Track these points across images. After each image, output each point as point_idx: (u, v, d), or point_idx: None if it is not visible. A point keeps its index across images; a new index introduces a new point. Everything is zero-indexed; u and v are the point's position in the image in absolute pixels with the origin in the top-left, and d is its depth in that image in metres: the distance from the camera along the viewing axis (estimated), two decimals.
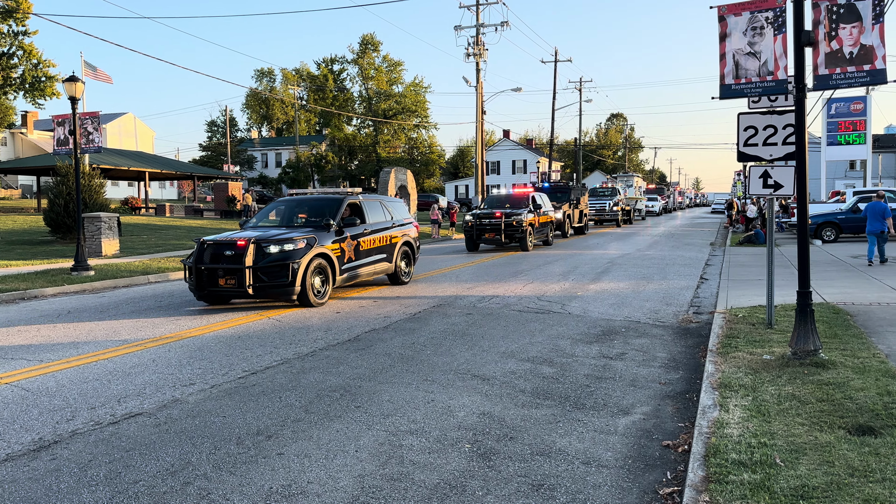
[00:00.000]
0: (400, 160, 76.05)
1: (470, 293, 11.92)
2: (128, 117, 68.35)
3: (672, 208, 71.10)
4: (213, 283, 10.13)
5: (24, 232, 26.15)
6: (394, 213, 13.39)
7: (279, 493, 3.89)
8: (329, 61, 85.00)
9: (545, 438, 4.76)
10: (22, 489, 3.96)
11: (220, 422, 5.12)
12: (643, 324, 9.04)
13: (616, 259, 18.03)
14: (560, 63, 48.47)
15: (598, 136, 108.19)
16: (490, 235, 21.51)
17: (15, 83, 51.04)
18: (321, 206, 12.05)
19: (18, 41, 50.58)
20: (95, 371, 6.66)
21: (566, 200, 29.27)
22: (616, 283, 13.05)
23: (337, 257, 10.95)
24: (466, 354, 7.27)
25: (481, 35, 34.19)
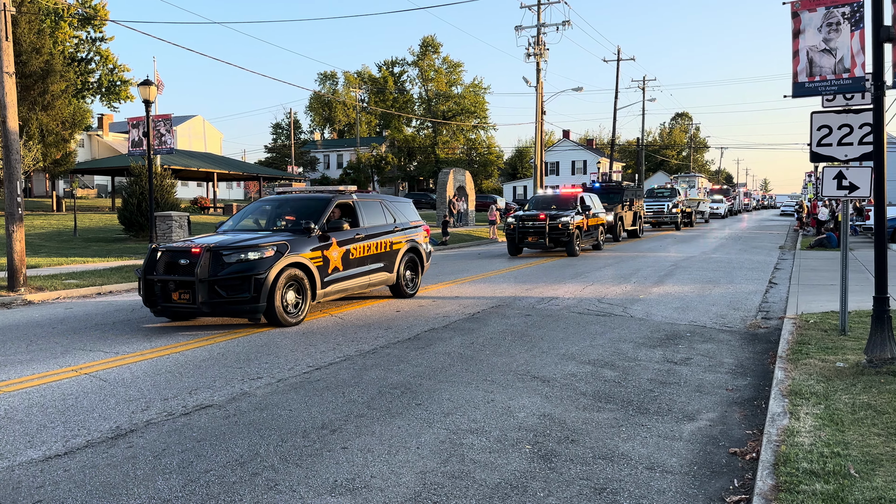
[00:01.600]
0: (458, 161, 76.28)
1: (529, 294, 11.87)
2: (197, 120, 70.64)
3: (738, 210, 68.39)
4: (167, 298, 8.68)
5: (99, 230, 27.38)
6: (397, 215, 11.84)
7: (343, 487, 3.97)
8: (390, 63, 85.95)
9: (607, 442, 4.71)
10: (101, 474, 4.16)
11: (286, 415, 5.26)
12: (709, 328, 8.83)
13: (679, 262, 17.64)
14: (623, 62, 47.78)
15: (661, 135, 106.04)
16: (533, 239, 20.09)
17: (92, 87, 53.47)
18: (304, 207, 10.41)
19: (96, 47, 52.98)
20: (168, 364, 6.94)
21: (618, 202, 27.72)
22: (680, 287, 12.78)
23: (318, 267, 9.39)
24: (526, 356, 7.25)
25: (542, 35, 33.97)
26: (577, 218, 20.28)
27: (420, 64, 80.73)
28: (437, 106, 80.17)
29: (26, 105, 32.36)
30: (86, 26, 51.36)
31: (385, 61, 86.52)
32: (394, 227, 11.48)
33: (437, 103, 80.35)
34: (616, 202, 27.46)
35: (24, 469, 4.23)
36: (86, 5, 50.68)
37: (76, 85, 45.66)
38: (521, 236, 20.18)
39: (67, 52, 47.17)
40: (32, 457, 4.43)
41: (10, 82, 12.81)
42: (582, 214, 20.88)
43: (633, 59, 48.44)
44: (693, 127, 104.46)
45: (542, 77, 34.36)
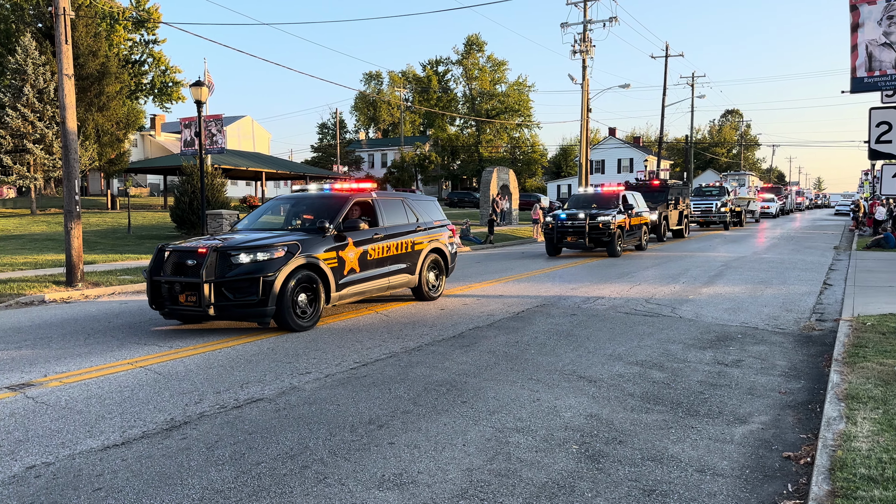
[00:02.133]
0: (502, 160, 76.06)
1: (574, 293, 11.78)
2: (246, 120, 72.00)
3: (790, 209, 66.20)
4: (175, 300, 8.30)
5: (152, 227, 28.16)
6: (421, 214, 11.29)
7: (391, 482, 4.01)
8: (434, 63, 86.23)
9: (656, 444, 4.65)
10: (157, 464, 4.28)
11: (334, 410, 5.34)
12: (761, 330, 8.63)
13: (730, 262, 17.27)
14: (671, 58, 46.96)
15: (710, 133, 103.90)
16: (572, 239, 19.27)
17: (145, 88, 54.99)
18: (321, 206, 9.93)
19: (149, 49, 54.47)
20: (219, 358, 7.11)
21: (663, 200, 26.63)
22: (731, 287, 12.51)
23: (332, 269, 8.94)
24: (571, 355, 7.20)
25: (588, 31, 33.64)
26: (618, 217, 19.40)
27: (464, 62, 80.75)
28: (480, 104, 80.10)
29: (83, 106, 33.46)
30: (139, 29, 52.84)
31: (429, 60, 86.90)
32: (416, 226, 10.97)
33: (480, 102, 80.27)
34: (661, 201, 26.45)
35: (85, 458, 4.39)
36: (140, 8, 52.15)
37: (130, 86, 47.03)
38: (559, 236, 19.47)
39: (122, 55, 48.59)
40: (92, 446, 4.59)
41: (69, 84, 13.27)
42: (624, 213, 19.97)
43: (681, 56, 47.62)
44: (744, 124, 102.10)
45: (587, 74, 34.03)
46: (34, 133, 32.42)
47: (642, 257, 19.23)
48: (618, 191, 21.26)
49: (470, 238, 24.94)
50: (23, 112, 32.09)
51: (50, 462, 4.31)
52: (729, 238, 27.79)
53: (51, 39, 33.31)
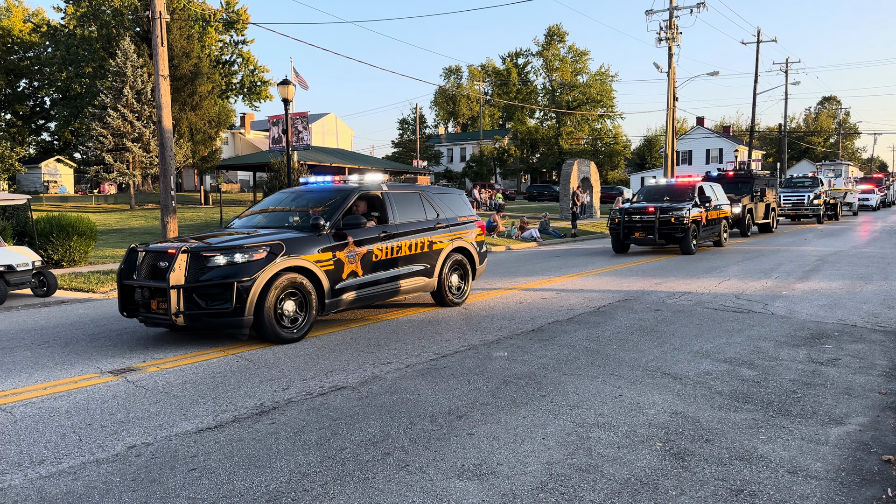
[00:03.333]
0: (583, 152, 74.89)
1: (658, 288, 11.48)
2: (330, 117, 73.74)
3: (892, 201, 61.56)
4: (147, 306, 7.46)
5: None
6: (442, 209, 10.11)
7: (471, 472, 4.04)
8: (514, 55, 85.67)
9: (745, 443, 4.48)
10: (247, 447, 4.47)
11: (414, 399, 5.42)
12: (859, 328, 8.17)
13: (826, 256, 16.41)
14: (763, 44, 44.95)
15: (806, 121, 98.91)
16: (640, 235, 17.67)
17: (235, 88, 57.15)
18: (321, 200, 8.93)
19: (238, 49, 56.56)
20: (305, 346, 7.34)
21: (747, 192, 24.61)
22: (827, 283, 11.90)
23: (328, 272, 7.93)
24: (656, 351, 7.03)
25: (675, 18, 32.64)
26: (693, 211, 17.76)
27: (545, 54, 79.82)
28: (561, 96, 79.05)
29: (177, 106, 35.13)
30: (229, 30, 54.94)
31: (509, 53, 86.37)
32: (436, 223, 9.81)
33: (561, 93, 79.21)
34: (744, 192, 24.59)
35: (180, 440, 4.63)
36: (229, 10, 54.20)
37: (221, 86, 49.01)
38: (626, 232, 17.87)
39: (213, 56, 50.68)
40: (187, 429, 4.84)
41: (164, 85, 13.95)
42: (700, 207, 18.32)
43: (774, 41, 45.49)
44: (842, 111, 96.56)
45: (674, 62, 33.03)
46: (133, 132, 34.28)
47: (729, 252, 18.51)
48: (693, 182, 19.61)
49: (549, 231, 24.71)
50: (122, 112, 33.99)
51: (149, 443, 4.57)
52: (823, 232, 26.05)
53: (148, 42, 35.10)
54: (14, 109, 58.77)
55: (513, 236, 23.49)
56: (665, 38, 32.77)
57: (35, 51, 55.81)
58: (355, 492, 3.80)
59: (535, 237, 23.23)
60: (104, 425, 4.91)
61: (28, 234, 14.86)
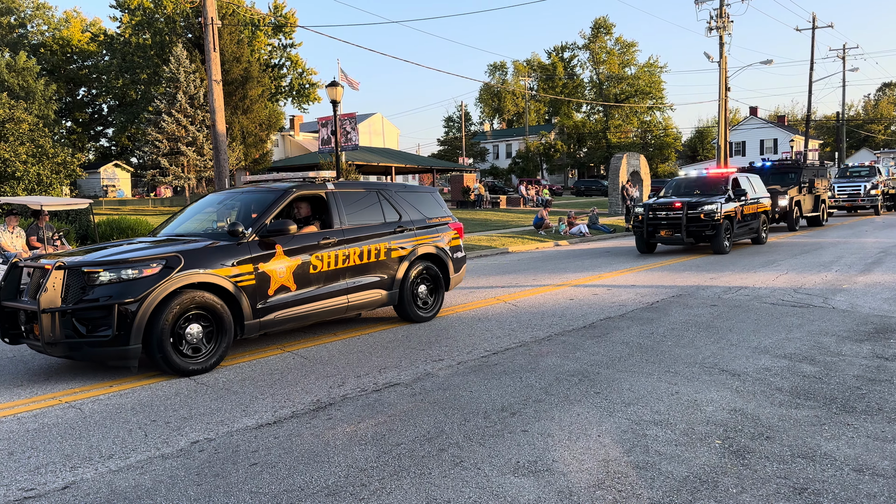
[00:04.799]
0: (631, 145, 73.77)
1: (713, 283, 11.25)
2: (376, 117, 74.34)
3: None
4: (30, 332, 6.30)
5: None
6: (406, 210, 8.83)
7: (525, 468, 4.04)
8: (559, 49, 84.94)
9: (807, 441, 4.37)
10: (305, 442, 4.56)
11: (467, 396, 5.44)
12: None
13: (890, 248, 15.81)
14: (818, 30, 43.55)
15: (865, 108, 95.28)
16: (666, 233, 15.99)
17: (284, 91, 58.13)
18: (250, 203, 7.77)
19: (287, 53, 57.51)
20: (359, 344, 7.45)
21: (795, 183, 22.96)
22: (891, 276, 11.47)
23: (247, 288, 6.71)
24: (712, 348, 6.90)
25: (725, 6, 31.86)
26: (726, 206, 16.03)
27: (591, 47, 78.91)
28: (608, 89, 78.03)
29: (229, 110, 35.92)
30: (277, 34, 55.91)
31: (554, 47, 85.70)
32: (397, 226, 8.56)
33: (608, 86, 78.20)
34: (791, 184, 22.98)
35: (241, 435, 4.75)
36: (277, 14, 55.15)
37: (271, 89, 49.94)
38: (651, 230, 16.20)
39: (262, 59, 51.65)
40: (247, 424, 4.96)
41: (217, 89, 14.30)
42: (735, 201, 16.55)
43: (830, 27, 43.92)
44: None
45: (725, 51, 32.26)
46: (187, 136, 35.22)
47: (781, 247, 17.98)
48: (727, 173, 17.86)
49: (598, 227, 24.43)
50: (176, 117, 34.95)
51: (211, 438, 4.71)
52: (881, 224, 24.66)
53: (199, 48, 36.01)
54: (74, 117, 61.03)
55: (561, 232, 23.31)
56: (716, 27, 32.02)
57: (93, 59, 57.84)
58: (412, 487, 3.84)
59: (583, 233, 22.99)
60: (168, 421, 5.08)
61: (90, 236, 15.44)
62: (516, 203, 43.30)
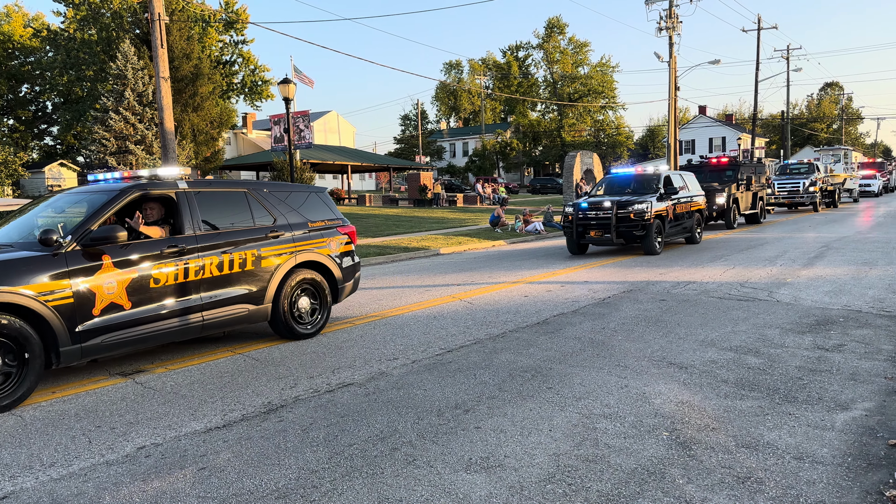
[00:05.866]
0: (585, 143, 74.78)
1: (663, 279, 11.48)
2: (331, 115, 73.73)
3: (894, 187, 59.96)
4: None
5: None
6: (282, 212, 7.76)
7: (478, 465, 4.06)
8: (514, 48, 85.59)
9: (751, 431, 4.50)
10: (255, 445, 4.50)
11: (421, 394, 5.44)
12: (865, 313, 8.16)
13: (832, 243, 16.36)
14: (764, 31, 44.75)
15: (808, 108, 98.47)
16: (596, 234, 15.25)
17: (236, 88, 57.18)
18: (79, 204, 6.76)
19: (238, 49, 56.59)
20: (312, 345, 7.37)
21: (731, 181, 22.75)
22: (832, 269, 11.87)
23: (60, 308, 5.65)
24: (661, 341, 7.04)
25: (675, 7, 32.53)
26: (657, 204, 15.38)
27: (545, 46, 79.72)
28: (562, 88, 78.93)
29: (179, 107, 35.19)
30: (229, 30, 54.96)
31: (510, 46, 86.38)
32: (270, 231, 7.49)
33: (562, 85, 79.10)
34: (729, 181, 22.74)
35: (189, 439, 4.66)
36: (229, 10, 54.20)
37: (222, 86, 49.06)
38: (581, 230, 15.43)
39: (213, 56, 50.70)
40: (196, 428, 4.87)
41: (165, 86, 13.99)
42: (665, 199, 15.83)
43: (775, 28, 45.24)
44: (844, 97, 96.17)
45: (675, 51, 32.92)
46: (135, 134, 34.36)
47: (722, 243, 18.46)
48: (658, 171, 17.28)
49: (553, 224, 24.69)
50: (124, 115, 34.07)
51: (158, 443, 4.61)
52: (820, 220, 24.84)
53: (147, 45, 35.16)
54: (16, 115, 58.92)
55: (517, 230, 23.50)
56: (665, 28, 32.67)
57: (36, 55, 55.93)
58: (364, 487, 3.82)
59: (539, 230, 23.22)
60: (113, 427, 4.95)
61: None
62: (473, 201, 43.46)
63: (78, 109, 49.50)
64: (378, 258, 16.21)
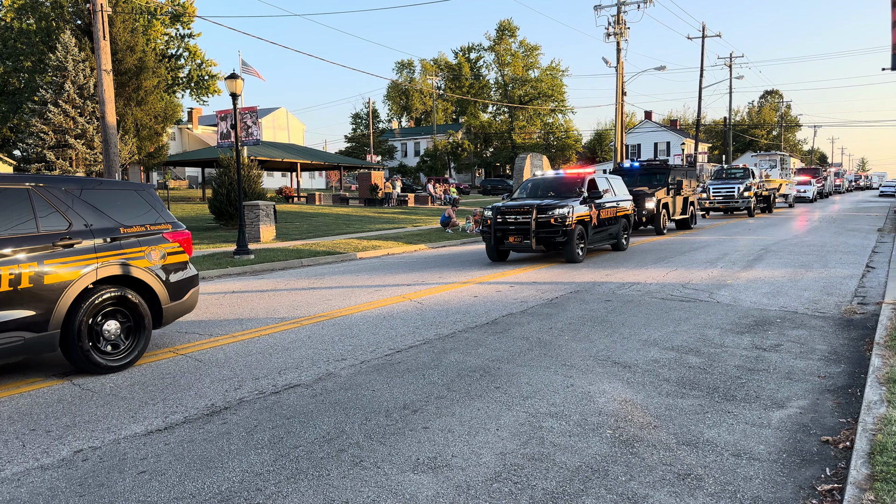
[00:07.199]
0: (535, 146, 75.59)
1: (608, 280, 11.70)
2: (280, 111, 72.71)
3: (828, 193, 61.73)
4: None
5: (191, 219, 28.68)
6: (83, 214, 6.36)
7: (425, 465, 4.07)
8: (466, 49, 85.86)
9: (691, 429, 4.62)
10: (198, 448, 4.41)
11: (369, 395, 5.42)
12: (800, 314, 8.48)
13: (770, 246, 16.94)
14: (708, 38, 46.00)
15: (750, 114, 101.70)
16: (515, 239, 14.24)
17: (182, 82, 55.82)
18: None
19: (185, 43, 55.26)
20: (258, 345, 7.25)
21: (663, 184, 22.09)
22: (770, 272, 12.29)
23: None
24: (606, 341, 7.17)
25: (622, 14, 33.18)
26: (579, 209, 14.47)
27: (496, 49, 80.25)
28: (513, 91, 79.60)
29: (122, 101, 34.17)
30: (175, 24, 53.62)
31: (461, 47, 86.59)
32: (61, 238, 6.06)
33: (513, 88, 79.77)
34: (659, 185, 22.05)
35: (129, 442, 4.54)
36: (175, 3, 52.89)
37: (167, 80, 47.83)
38: (500, 235, 14.41)
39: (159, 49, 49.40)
40: (136, 431, 4.74)
41: (107, 79, 13.57)
42: (589, 204, 14.93)
43: (718, 36, 46.56)
44: (783, 105, 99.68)
45: (622, 57, 33.59)
46: (75, 128, 33.23)
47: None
48: (582, 174, 16.12)
49: None
50: (64, 108, 32.91)
51: (96, 446, 4.47)
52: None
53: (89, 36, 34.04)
54: None
55: (467, 230, 23.60)
56: (613, 34, 33.30)
57: None
58: (309, 489, 3.78)
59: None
60: (49, 430, 4.78)
61: None
62: (424, 201, 43.45)
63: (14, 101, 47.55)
64: (327, 258, 16.06)
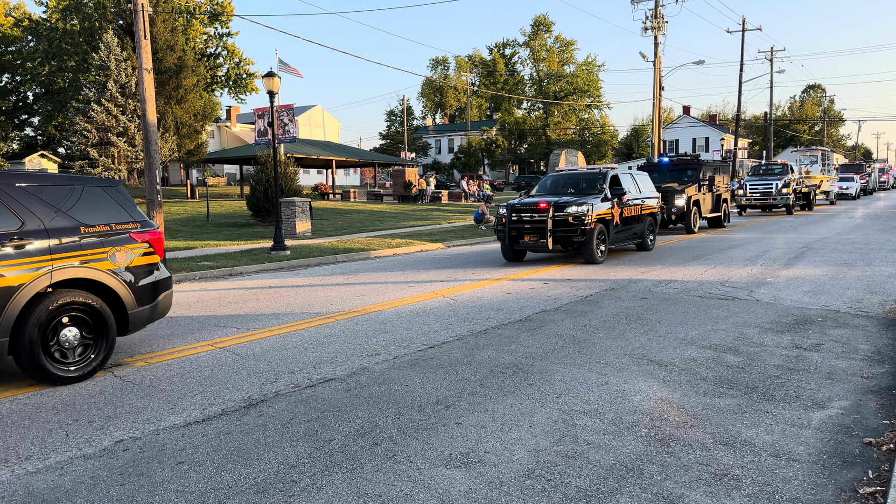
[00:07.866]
0: (570, 142, 74.98)
1: (644, 277, 11.56)
2: (316, 109, 73.35)
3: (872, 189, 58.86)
4: None
5: (229, 215, 29.15)
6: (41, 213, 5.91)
7: (458, 460, 4.07)
8: (501, 45, 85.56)
9: (729, 428, 4.54)
10: (235, 440, 4.48)
11: (402, 390, 5.44)
12: (843, 313, 8.27)
13: (812, 244, 16.54)
14: (748, 32, 45.13)
15: (791, 109, 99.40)
16: (531, 238, 13.42)
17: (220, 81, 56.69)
18: None
19: (223, 42, 56.11)
20: (294, 339, 7.34)
21: (693, 181, 20.97)
22: (812, 270, 12.01)
23: None
24: (642, 339, 7.09)
25: (660, 7, 32.69)
26: (600, 207, 13.74)
27: (531, 44, 79.75)
28: (548, 86, 79.04)
29: (162, 99, 34.83)
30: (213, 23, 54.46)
31: (496, 43, 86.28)
32: (10, 238, 5.63)
33: (548, 84, 79.21)
34: (690, 181, 20.98)
35: (168, 433, 4.63)
36: (213, 2, 53.71)
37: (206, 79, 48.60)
38: (515, 234, 13.60)
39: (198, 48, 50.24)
40: (175, 422, 4.84)
41: (148, 78, 13.85)
42: (610, 202, 14.13)
43: (759, 29, 45.57)
44: (826, 99, 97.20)
45: (660, 51, 33.11)
46: (117, 126, 34.00)
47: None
48: (604, 169, 15.36)
49: None
50: (106, 106, 33.68)
51: (136, 437, 4.57)
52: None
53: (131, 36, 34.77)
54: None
55: None
56: (651, 28, 32.84)
57: (17, 45, 55.13)
58: (343, 482, 3.82)
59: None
60: (91, 420, 4.91)
61: None
62: (458, 198, 43.46)
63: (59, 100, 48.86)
64: (361, 254, 16.19)
